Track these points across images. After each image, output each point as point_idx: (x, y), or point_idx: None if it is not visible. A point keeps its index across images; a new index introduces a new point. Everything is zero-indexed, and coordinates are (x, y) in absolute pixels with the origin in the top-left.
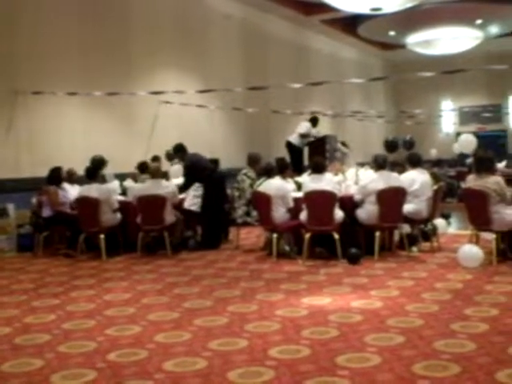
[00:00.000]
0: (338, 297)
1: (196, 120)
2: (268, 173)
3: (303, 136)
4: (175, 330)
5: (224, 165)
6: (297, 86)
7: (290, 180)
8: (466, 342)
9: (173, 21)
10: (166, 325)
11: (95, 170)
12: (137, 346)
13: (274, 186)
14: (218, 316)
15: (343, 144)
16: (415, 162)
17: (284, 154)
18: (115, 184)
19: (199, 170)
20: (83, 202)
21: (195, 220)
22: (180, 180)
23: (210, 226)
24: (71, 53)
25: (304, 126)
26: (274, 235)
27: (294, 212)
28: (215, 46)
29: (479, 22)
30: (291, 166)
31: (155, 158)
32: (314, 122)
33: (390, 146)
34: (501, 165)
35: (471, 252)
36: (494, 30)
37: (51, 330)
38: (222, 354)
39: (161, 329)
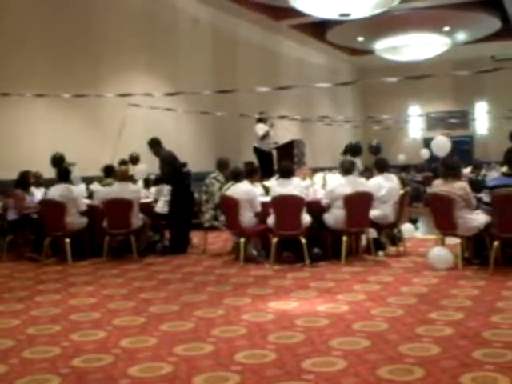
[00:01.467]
0: (304, 301)
1: (164, 123)
2: (236, 177)
3: (263, 138)
4: (141, 335)
5: (192, 169)
6: (264, 89)
7: (257, 184)
8: (431, 345)
9: (142, 23)
10: (131, 330)
11: (67, 171)
12: (102, 351)
13: (241, 190)
14: (184, 321)
15: None
16: (382, 167)
17: (253, 158)
18: (81, 187)
19: (177, 166)
20: (48, 204)
21: (163, 224)
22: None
23: (179, 230)
24: (38, 54)
25: (259, 128)
26: (242, 239)
27: (261, 216)
28: (184, 49)
29: (446, 29)
30: (261, 170)
31: (123, 162)
32: (262, 120)
33: (353, 149)
34: (466, 170)
35: (441, 254)
36: (461, 36)
37: (15, 335)
38: (187, 359)
39: (126, 334)
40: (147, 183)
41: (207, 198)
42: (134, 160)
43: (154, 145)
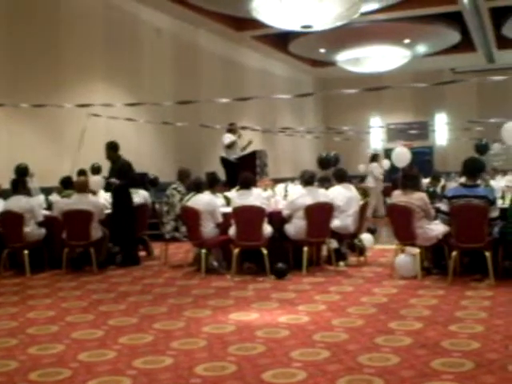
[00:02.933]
0: (265, 312)
1: (125, 134)
2: (197, 187)
3: (229, 147)
4: (99, 349)
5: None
6: (225, 100)
7: (219, 195)
8: (390, 355)
9: (103, 32)
10: (90, 343)
11: (22, 181)
12: (60, 365)
13: (202, 200)
14: (143, 333)
15: None
16: (341, 177)
17: (215, 168)
18: (40, 198)
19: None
20: (6, 215)
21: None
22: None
23: (130, 242)
24: None
25: (226, 138)
26: (203, 251)
27: (222, 227)
28: (146, 59)
29: (407, 41)
30: (227, 180)
31: (81, 172)
32: (231, 130)
33: (323, 162)
34: (425, 181)
35: (407, 262)
36: (421, 49)
37: None
38: (146, 373)
39: (85, 347)
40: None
41: (168, 209)
42: (95, 170)
43: (111, 149)
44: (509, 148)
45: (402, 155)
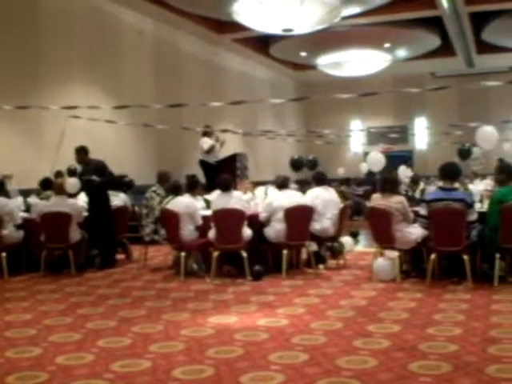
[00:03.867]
0: (244, 315)
1: (105, 136)
2: (176, 190)
3: (209, 151)
4: (77, 352)
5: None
6: (204, 104)
7: (199, 198)
8: (368, 358)
9: (84, 34)
10: (68, 346)
11: (0, 183)
12: (37, 369)
13: (182, 203)
14: (121, 337)
15: None
16: (320, 180)
17: (196, 171)
18: (18, 200)
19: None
20: None
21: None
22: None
23: (109, 243)
24: None
25: (204, 142)
26: (182, 254)
27: (202, 230)
28: (127, 61)
29: (387, 45)
30: (206, 183)
31: (58, 174)
32: (207, 133)
33: (295, 164)
34: (403, 185)
35: (385, 265)
36: (401, 53)
37: None
38: (124, 376)
39: (62, 350)
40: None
41: (147, 212)
42: (72, 172)
43: (82, 152)
44: (488, 152)
45: (376, 160)
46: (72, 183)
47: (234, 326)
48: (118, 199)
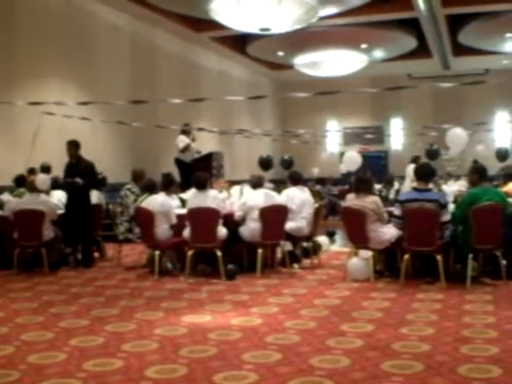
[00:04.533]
0: (218, 314)
1: (80, 133)
2: (151, 188)
3: (184, 150)
4: (50, 351)
5: (109, 179)
6: (179, 101)
7: (174, 196)
8: (341, 357)
9: (59, 30)
10: (40, 345)
11: None
12: (9, 367)
13: (157, 202)
14: (94, 336)
15: None
16: (296, 179)
17: (171, 169)
18: None
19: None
20: None
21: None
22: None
23: (91, 241)
24: None
25: (180, 141)
26: (157, 252)
27: (177, 229)
28: (103, 57)
29: (364, 46)
30: (182, 182)
31: (31, 171)
32: (185, 132)
33: (264, 164)
34: (378, 186)
35: (360, 265)
36: (378, 54)
37: None
38: (96, 375)
39: (34, 349)
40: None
41: (122, 210)
42: (45, 170)
43: (75, 147)
44: (463, 153)
45: (352, 159)
46: (42, 180)
47: (207, 325)
48: (93, 196)
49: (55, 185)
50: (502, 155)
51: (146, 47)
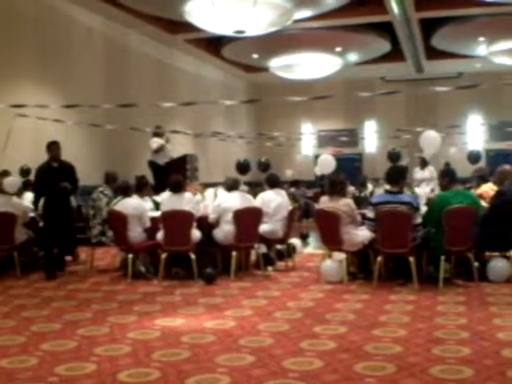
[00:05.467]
0: (192, 317)
1: (54, 135)
2: (124, 191)
3: (157, 151)
4: (21, 355)
5: (81, 182)
6: (154, 104)
7: (147, 199)
8: (314, 359)
9: (32, 31)
10: (11, 349)
11: None
12: None
13: (130, 204)
14: (66, 340)
15: None
16: (274, 182)
17: (145, 171)
18: None
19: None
20: None
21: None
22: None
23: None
24: None
25: (154, 142)
26: (130, 255)
27: (151, 231)
28: (77, 59)
29: (338, 49)
30: (155, 184)
31: (4, 173)
32: (158, 134)
33: (242, 167)
34: (351, 188)
35: (333, 267)
36: (352, 57)
37: None
38: (68, 380)
39: (5, 354)
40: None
41: (94, 213)
42: (25, 172)
43: (57, 147)
44: (436, 156)
45: (326, 162)
46: (10, 182)
47: (181, 328)
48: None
49: (27, 187)
50: (473, 158)
51: (120, 49)
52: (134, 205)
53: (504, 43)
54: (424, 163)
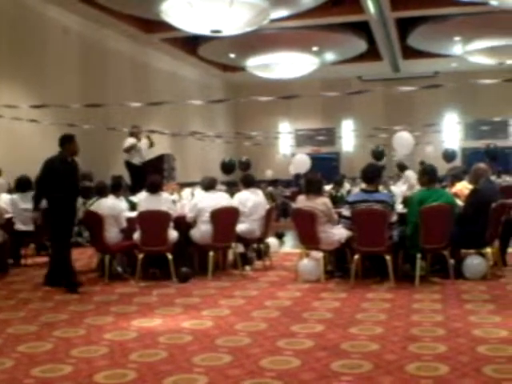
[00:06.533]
0: (169, 318)
1: (29, 135)
2: (100, 192)
3: (128, 151)
4: None
5: None
6: (131, 104)
7: (122, 199)
8: (292, 358)
9: (7, 30)
10: None
11: None
12: None
13: (106, 205)
14: (43, 341)
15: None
16: (249, 182)
17: (123, 172)
18: None
19: None
20: None
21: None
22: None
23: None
24: None
25: (127, 142)
26: (107, 256)
27: (127, 232)
28: (52, 59)
29: (315, 49)
30: (132, 184)
31: None
32: (133, 134)
33: (227, 167)
34: (328, 187)
35: (310, 265)
36: (329, 57)
37: None
38: (45, 381)
39: None
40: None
41: None
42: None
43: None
44: (412, 155)
45: (301, 161)
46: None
47: (157, 328)
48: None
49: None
50: (448, 156)
51: (96, 48)
52: (110, 205)
53: (479, 42)
54: (402, 168)
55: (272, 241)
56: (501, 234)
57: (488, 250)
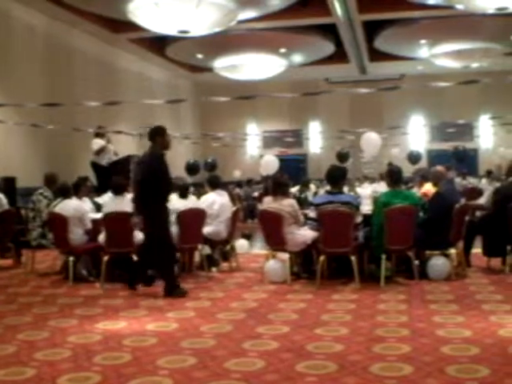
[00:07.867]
0: (133, 320)
1: None
2: (64, 193)
3: (98, 152)
4: None
5: (21, 184)
6: (95, 104)
7: (86, 200)
8: (256, 360)
9: None
10: None
11: None
12: None
13: (70, 206)
14: (5, 344)
15: None
16: (215, 183)
17: (88, 173)
18: None
19: None
20: None
21: None
22: None
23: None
24: None
25: (95, 143)
26: (71, 258)
27: (92, 234)
28: (17, 58)
29: (283, 50)
30: (98, 186)
31: None
32: (99, 134)
33: (191, 168)
34: (294, 189)
35: (276, 267)
36: (297, 59)
37: None
38: None
39: None
40: None
41: (34, 215)
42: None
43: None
44: (379, 156)
45: (269, 163)
46: None
47: (122, 331)
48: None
49: None
50: (413, 158)
51: (62, 48)
52: (74, 206)
53: (445, 46)
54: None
55: (241, 242)
56: (465, 235)
57: (452, 250)
